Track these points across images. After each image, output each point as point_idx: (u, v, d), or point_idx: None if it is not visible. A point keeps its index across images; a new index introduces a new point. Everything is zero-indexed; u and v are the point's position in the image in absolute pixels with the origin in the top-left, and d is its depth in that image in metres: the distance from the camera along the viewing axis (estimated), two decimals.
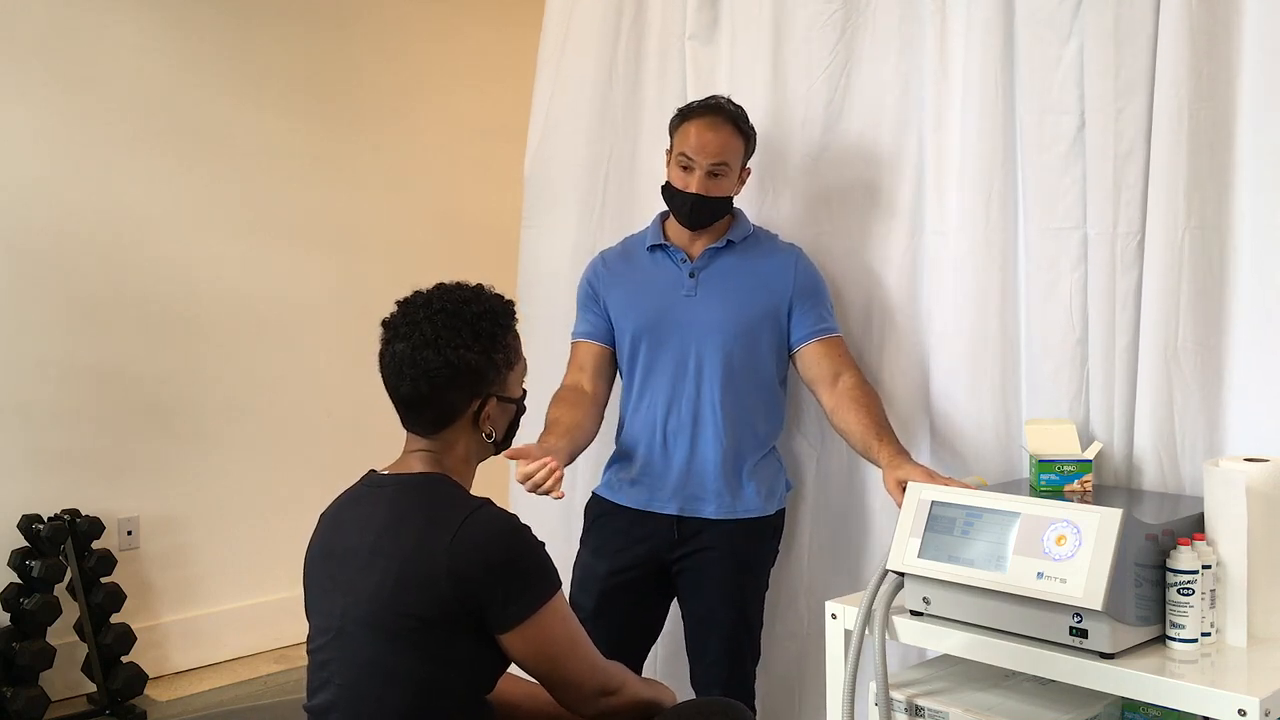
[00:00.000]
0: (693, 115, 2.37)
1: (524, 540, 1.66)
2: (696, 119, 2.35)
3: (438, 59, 4.58)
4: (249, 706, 3.55)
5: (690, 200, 2.33)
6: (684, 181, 2.34)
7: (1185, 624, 1.71)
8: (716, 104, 2.38)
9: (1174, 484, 2.05)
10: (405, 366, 1.69)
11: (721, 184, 2.36)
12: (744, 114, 2.39)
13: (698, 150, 2.32)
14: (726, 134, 2.34)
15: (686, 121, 2.37)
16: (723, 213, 2.40)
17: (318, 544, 1.78)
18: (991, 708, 1.83)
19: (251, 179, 4.03)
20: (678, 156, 2.36)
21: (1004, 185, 2.24)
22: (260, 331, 4.06)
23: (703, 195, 2.33)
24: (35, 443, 3.55)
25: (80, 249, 3.63)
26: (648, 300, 2.41)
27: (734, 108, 2.38)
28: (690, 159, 2.33)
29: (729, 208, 2.41)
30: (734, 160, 2.37)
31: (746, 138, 2.39)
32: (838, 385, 2.33)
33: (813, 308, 2.39)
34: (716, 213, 2.38)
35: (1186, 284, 2.00)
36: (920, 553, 1.86)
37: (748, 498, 2.38)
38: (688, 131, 2.35)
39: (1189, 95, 1.97)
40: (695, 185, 2.33)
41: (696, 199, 2.33)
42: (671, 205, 2.39)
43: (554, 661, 1.69)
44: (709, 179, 2.33)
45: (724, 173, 2.35)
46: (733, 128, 2.35)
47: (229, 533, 3.98)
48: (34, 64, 3.53)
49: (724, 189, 2.37)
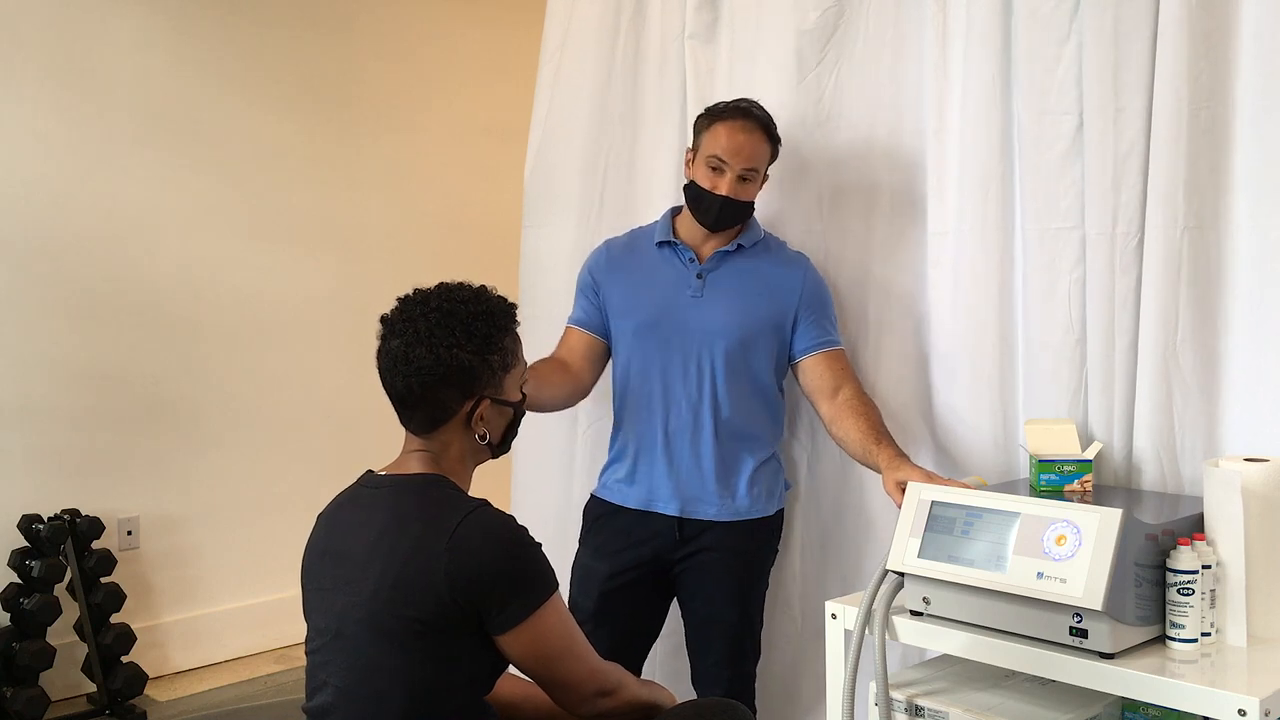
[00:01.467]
0: (724, 117, 2.34)
1: (522, 542, 1.66)
2: (728, 121, 2.32)
3: (438, 59, 4.57)
4: (249, 706, 3.55)
5: (719, 203, 2.32)
6: (713, 183, 2.32)
7: (1185, 624, 1.71)
8: (749, 108, 2.36)
9: (1174, 484, 2.05)
10: (399, 363, 1.69)
11: (749, 189, 2.35)
12: (772, 120, 2.38)
13: (731, 153, 2.30)
14: (758, 139, 2.33)
15: (717, 122, 2.34)
16: (745, 216, 2.39)
17: (316, 545, 1.78)
18: (991, 708, 1.83)
19: (252, 179, 4.03)
20: (708, 158, 2.32)
21: (1003, 185, 2.24)
22: (260, 331, 4.06)
23: (731, 198, 2.32)
24: (35, 443, 3.55)
25: (80, 249, 3.63)
26: (652, 297, 2.41)
27: (764, 113, 2.36)
28: (723, 161, 2.30)
29: (751, 212, 2.41)
30: (762, 166, 2.36)
31: (773, 144, 2.38)
32: (837, 398, 2.32)
33: (817, 320, 2.38)
34: (740, 216, 2.37)
35: (1186, 284, 2.00)
36: (920, 553, 1.86)
37: (749, 499, 2.38)
38: (718, 133, 2.32)
39: (1188, 95, 1.97)
40: (725, 188, 2.31)
41: (725, 202, 2.32)
42: (696, 205, 2.36)
43: (551, 663, 1.69)
44: (739, 183, 2.32)
45: (753, 178, 2.35)
46: (763, 133, 2.34)
47: (229, 533, 3.98)
48: (34, 64, 3.53)
49: (750, 194, 2.36)
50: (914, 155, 2.41)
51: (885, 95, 2.44)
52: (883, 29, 2.44)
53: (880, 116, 2.45)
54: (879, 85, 2.45)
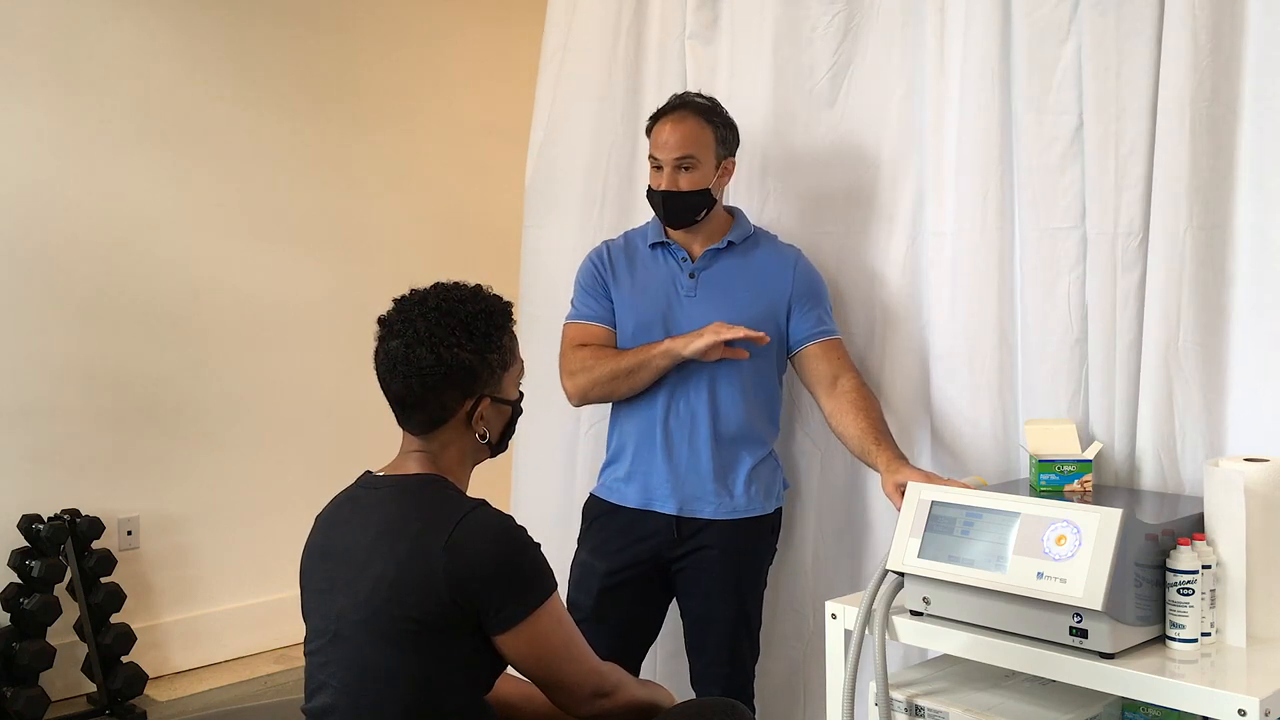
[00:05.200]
0: (658, 117, 2.40)
1: (520, 542, 1.66)
2: (660, 120, 2.39)
3: (438, 59, 4.58)
4: (249, 706, 3.55)
5: (661, 198, 2.35)
6: (656, 181, 2.37)
7: (1185, 624, 1.71)
8: (680, 100, 2.40)
9: (1174, 484, 2.05)
10: (398, 364, 1.69)
11: (692, 177, 2.34)
12: (714, 105, 2.40)
13: (660, 148, 2.35)
14: (689, 125, 2.35)
15: (654, 125, 2.40)
16: (700, 206, 2.37)
17: (314, 545, 1.78)
18: (991, 708, 1.82)
19: (252, 179, 4.03)
20: (650, 159, 2.39)
21: (1002, 185, 2.24)
22: (260, 331, 4.06)
23: (672, 191, 2.34)
24: (35, 443, 3.55)
25: (81, 249, 3.63)
26: (648, 298, 2.41)
27: (701, 100, 2.39)
28: (657, 158, 2.36)
29: (707, 201, 2.38)
30: (702, 151, 2.35)
31: (716, 127, 2.38)
32: (837, 388, 2.32)
33: (811, 310, 2.38)
34: (693, 207, 2.36)
35: (1188, 284, 2.00)
36: (920, 553, 1.86)
37: (747, 498, 2.38)
38: (653, 135, 2.39)
39: (1191, 94, 1.97)
40: (665, 182, 2.34)
41: (666, 195, 2.34)
42: (653, 206, 2.41)
43: (549, 663, 1.69)
44: (677, 173, 2.34)
45: (692, 165, 2.34)
46: (698, 119, 2.36)
47: (229, 533, 3.98)
48: (34, 64, 3.53)
49: (695, 182, 2.35)
50: (913, 155, 2.41)
51: (885, 94, 2.44)
52: (882, 29, 2.44)
53: (880, 115, 2.45)
54: (879, 84, 2.45)
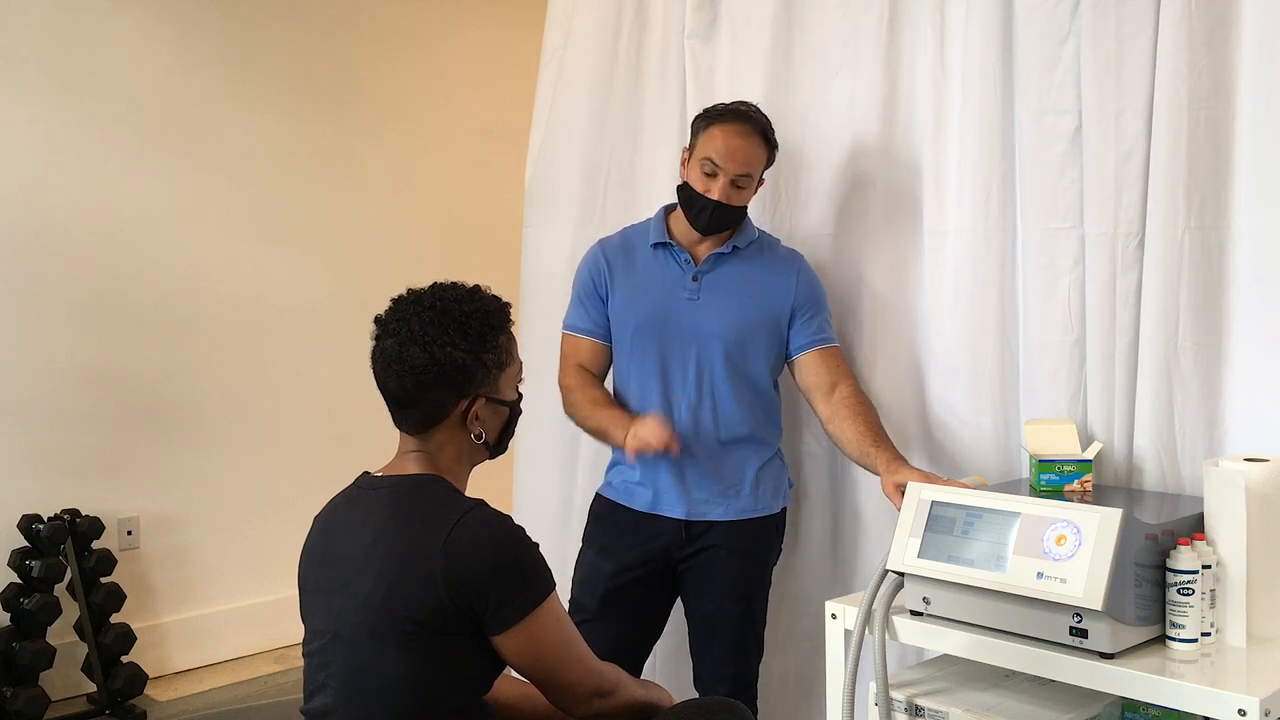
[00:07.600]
0: (722, 120, 2.30)
1: (518, 542, 1.66)
2: (725, 124, 2.29)
3: (438, 59, 4.57)
4: (249, 706, 3.55)
5: (711, 207, 2.29)
6: (705, 186, 2.29)
7: (1185, 624, 1.71)
8: (747, 111, 2.32)
9: (1174, 484, 2.05)
10: (392, 362, 1.69)
11: (743, 194, 2.32)
12: (770, 125, 2.34)
13: (725, 157, 2.27)
14: (755, 144, 2.30)
15: (714, 125, 2.30)
16: (737, 221, 2.36)
17: (312, 547, 1.77)
18: (991, 708, 1.82)
19: (252, 179, 4.03)
20: (703, 160, 2.29)
21: (1002, 185, 2.24)
22: (260, 331, 4.06)
23: (723, 204, 2.29)
24: (35, 443, 3.55)
25: (80, 249, 3.63)
26: (649, 300, 2.40)
27: (762, 117, 2.33)
28: (716, 165, 2.27)
29: (743, 217, 2.39)
30: (757, 172, 2.34)
31: (769, 149, 2.35)
32: (834, 395, 2.32)
33: (812, 317, 2.38)
34: (732, 221, 2.35)
35: (1186, 284, 2.00)
36: (920, 553, 1.86)
37: (755, 498, 2.37)
38: (714, 136, 2.29)
39: (1189, 95, 1.97)
40: (717, 192, 2.28)
41: (716, 207, 2.29)
42: (688, 207, 2.34)
43: (548, 664, 1.68)
44: (732, 188, 2.29)
45: (746, 184, 2.32)
46: (760, 138, 2.31)
47: (229, 533, 3.98)
48: (34, 64, 3.53)
49: (744, 199, 2.34)
50: (913, 155, 2.41)
51: (885, 95, 2.44)
52: (883, 29, 2.44)
53: (880, 116, 2.45)
54: (878, 85, 2.45)
